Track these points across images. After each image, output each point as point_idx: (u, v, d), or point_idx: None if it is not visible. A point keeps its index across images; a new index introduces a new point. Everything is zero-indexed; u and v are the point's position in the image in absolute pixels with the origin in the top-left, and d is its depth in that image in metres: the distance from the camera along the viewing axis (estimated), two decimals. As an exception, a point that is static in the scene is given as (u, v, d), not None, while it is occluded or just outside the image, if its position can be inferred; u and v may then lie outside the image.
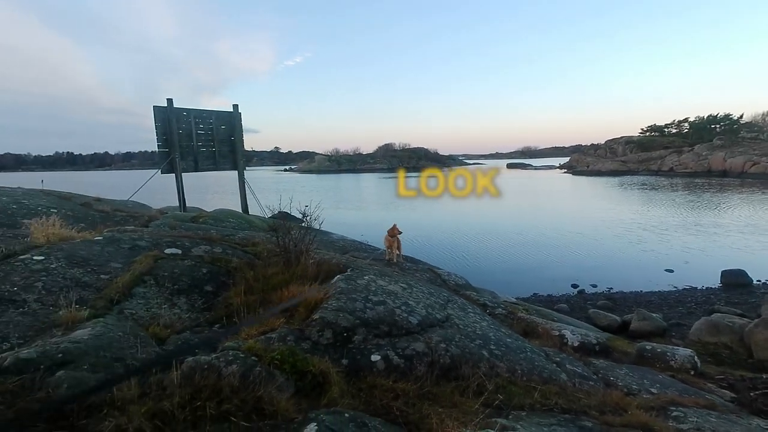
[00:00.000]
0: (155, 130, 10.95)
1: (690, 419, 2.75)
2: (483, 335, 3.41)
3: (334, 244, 8.48)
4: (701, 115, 73.00)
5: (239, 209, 12.09)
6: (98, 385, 1.66)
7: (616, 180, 52.56)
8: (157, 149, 11.25)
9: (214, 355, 2.07)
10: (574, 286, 11.67)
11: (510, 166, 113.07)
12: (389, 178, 73.79)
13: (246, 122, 13.76)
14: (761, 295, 10.01)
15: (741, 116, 68.68)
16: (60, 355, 1.86)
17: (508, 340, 3.57)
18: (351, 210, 28.39)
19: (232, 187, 13.63)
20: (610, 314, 8.37)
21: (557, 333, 4.79)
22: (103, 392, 1.63)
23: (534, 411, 2.53)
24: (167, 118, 11.03)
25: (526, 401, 2.62)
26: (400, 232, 6.41)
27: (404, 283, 4.09)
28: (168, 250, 4.31)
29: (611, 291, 11.22)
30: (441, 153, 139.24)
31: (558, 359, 3.63)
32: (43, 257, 3.50)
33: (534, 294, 10.98)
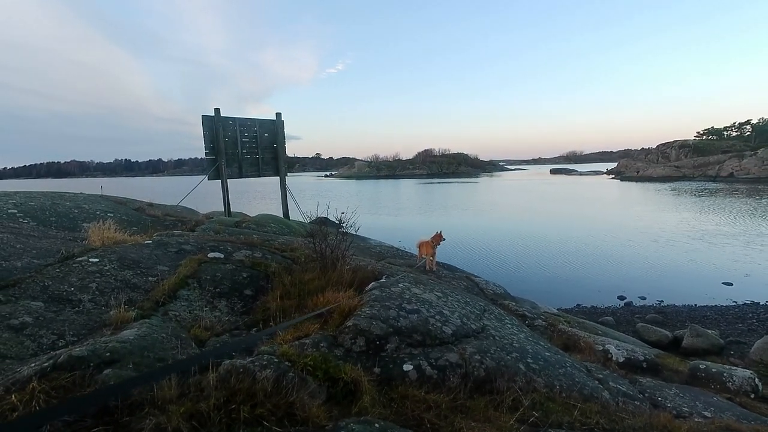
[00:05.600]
0: (203, 138, 11.48)
1: (748, 448, 2.55)
2: (520, 348, 3.31)
3: (371, 250, 8.53)
4: (766, 117, 68.31)
5: (281, 214, 12.42)
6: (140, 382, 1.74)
7: (668, 186, 49.81)
8: (205, 156, 11.79)
9: (249, 359, 2.12)
10: (621, 297, 11.12)
11: (553, 171, 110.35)
12: (428, 183, 73.59)
13: (289, 129, 14.17)
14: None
15: (812, 117, 63.66)
16: (108, 354, 1.97)
17: (547, 353, 3.44)
18: (389, 216, 28.47)
19: (275, 190, 14.08)
20: (660, 329, 7.89)
21: (601, 347, 4.58)
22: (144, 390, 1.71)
23: (573, 430, 2.42)
24: (214, 126, 11.53)
25: (565, 419, 2.51)
26: (444, 239, 6.04)
27: (439, 292, 4.04)
28: (211, 254, 4.49)
29: (662, 304, 10.60)
30: (481, 159, 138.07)
31: (601, 376, 3.47)
32: (98, 259, 3.75)
33: (577, 305, 10.56)
